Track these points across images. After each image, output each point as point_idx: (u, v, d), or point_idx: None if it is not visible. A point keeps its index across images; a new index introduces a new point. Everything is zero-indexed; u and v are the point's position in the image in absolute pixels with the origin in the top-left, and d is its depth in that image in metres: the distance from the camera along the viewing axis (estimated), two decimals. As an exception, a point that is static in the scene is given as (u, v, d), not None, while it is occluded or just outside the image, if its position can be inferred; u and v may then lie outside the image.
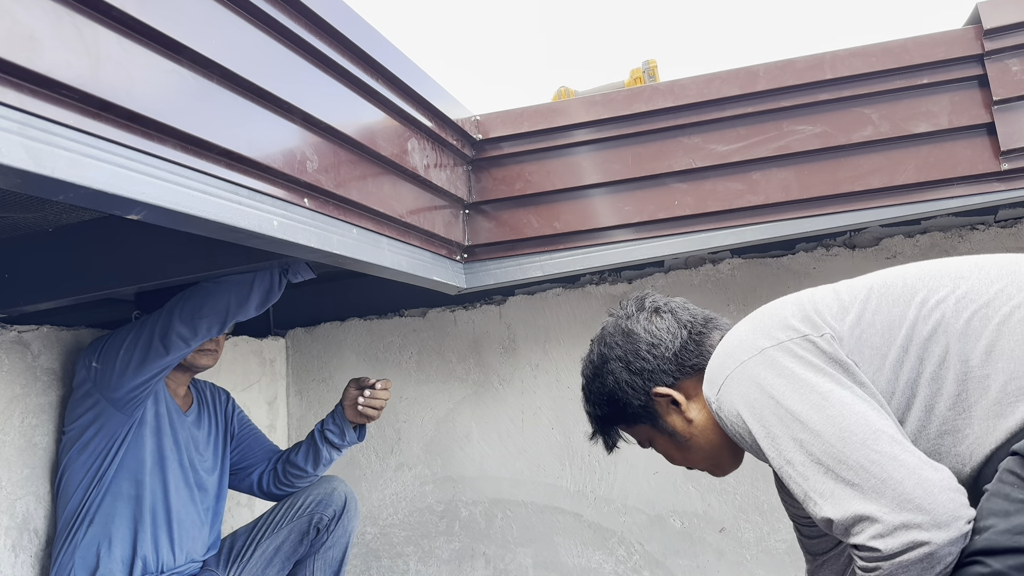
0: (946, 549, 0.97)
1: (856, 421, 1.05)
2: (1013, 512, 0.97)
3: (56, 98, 0.98)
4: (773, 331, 1.18)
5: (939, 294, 1.13)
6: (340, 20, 1.49)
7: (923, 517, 0.97)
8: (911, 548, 0.97)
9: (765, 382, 1.13)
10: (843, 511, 1.02)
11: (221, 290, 1.81)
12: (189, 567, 2.11)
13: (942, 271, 1.17)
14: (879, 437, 1.03)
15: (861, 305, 1.17)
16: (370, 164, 1.67)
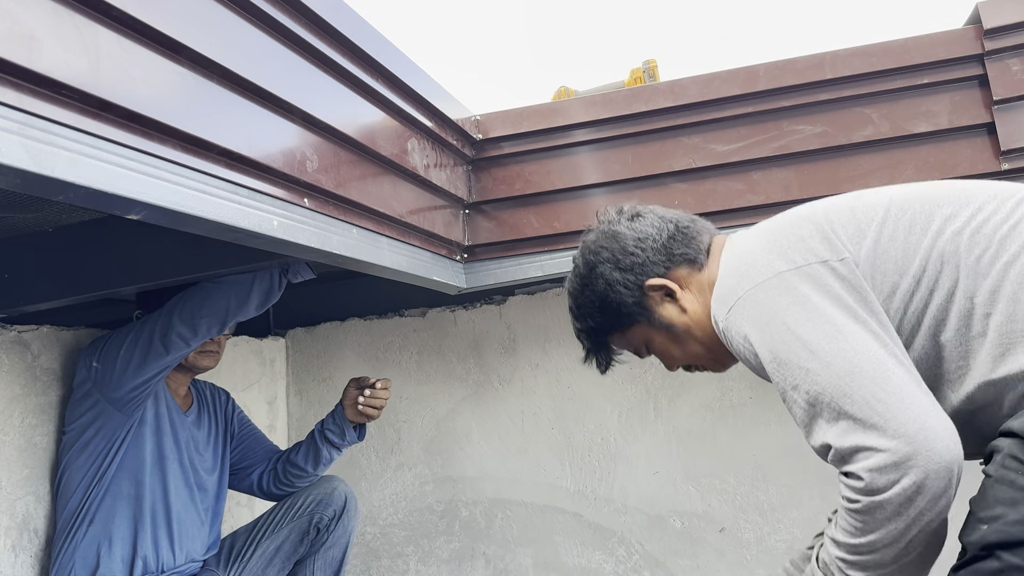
0: (936, 490, 0.97)
1: (868, 358, 1.03)
2: (1021, 500, 0.95)
3: (56, 98, 0.98)
4: (790, 253, 1.14)
5: (955, 224, 1.10)
6: (340, 20, 1.49)
7: (920, 459, 0.97)
8: (901, 484, 0.97)
9: (779, 307, 1.10)
10: (844, 441, 1.01)
11: (221, 290, 1.81)
12: (189, 567, 2.11)
13: (962, 197, 1.14)
14: (889, 376, 1.02)
15: (878, 229, 1.14)
16: (370, 164, 1.67)
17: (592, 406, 2.72)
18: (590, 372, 1.36)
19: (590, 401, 2.73)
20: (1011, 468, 0.97)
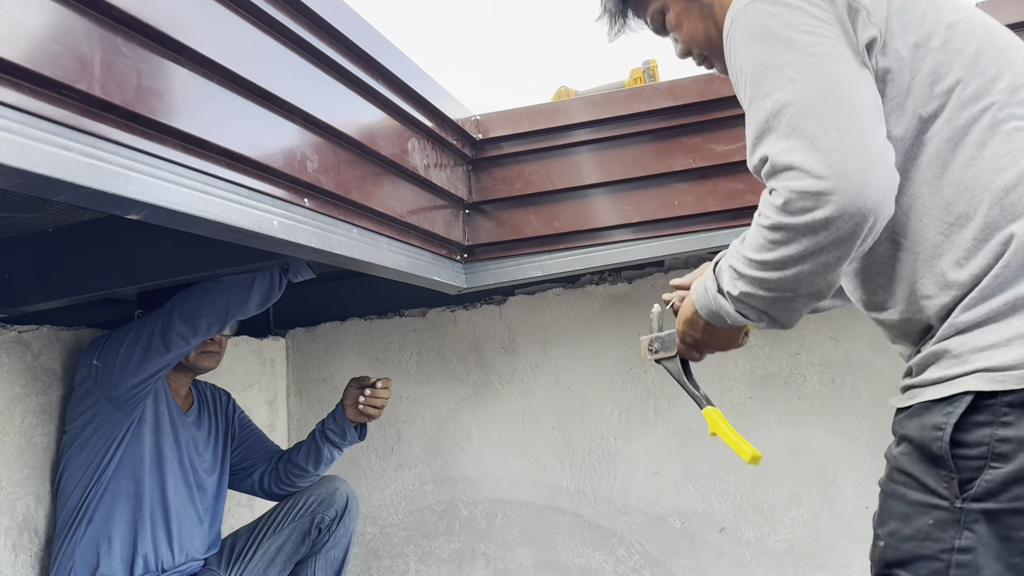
0: (843, 232, 0.93)
1: (851, 87, 0.97)
2: (913, 515, 0.95)
3: (56, 98, 0.98)
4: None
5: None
6: (340, 20, 1.49)
7: (842, 197, 0.91)
8: (813, 214, 0.93)
9: (782, 18, 1.01)
10: (784, 156, 0.95)
11: (221, 289, 1.81)
12: (189, 566, 2.11)
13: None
14: (862, 112, 0.96)
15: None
16: (370, 164, 1.67)
17: (592, 406, 2.72)
18: (590, 372, 1.35)
19: (590, 401, 2.73)
20: (899, 482, 0.98)
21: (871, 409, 2.51)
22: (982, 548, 0.90)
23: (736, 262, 1.05)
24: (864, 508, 2.46)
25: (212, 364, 2.16)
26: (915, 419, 0.98)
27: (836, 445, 2.51)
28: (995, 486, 0.90)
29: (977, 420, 0.92)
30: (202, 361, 2.12)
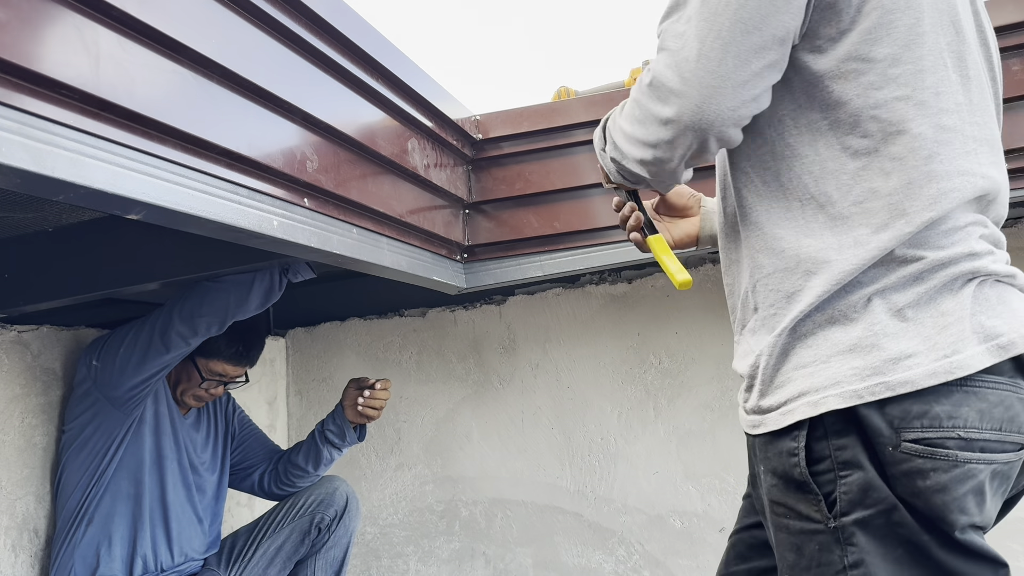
0: (679, 135, 0.95)
1: (755, 7, 0.90)
2: (801, 544, 0.96)
3: (56, 98, 0.98)
4: None
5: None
6: (340, 20, 1.49)
7: (688, 109, 0.93)
8: (666, 109, 0.94)
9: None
10: (670, 40, 0.95)
11: (221, 289, 1.81)
12: (188, 566, 2.11)
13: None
14: (750, 32, 0.91)
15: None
16: (370, 164, 1.67)
17: (592, 406, 2.72)
18: (590, 372, 1.35)
19: (590, 401, 2.73)
20: (780, 514, 0.98)
21: (871, 409, 2.51)
22: (869, 557, 0.91)
23: (611, 125, 1.09)
24: (864, 508, 2.46)
25: (194, 404, 2.17)
26: (770, 448, 0.99)
27: (836, 445, 2.51)
28: (853, 495, 0.92)
29: (815, 435, 0.94)
30: (189, 401, 2.14)
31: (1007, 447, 0.91)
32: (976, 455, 0.89)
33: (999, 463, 0.91)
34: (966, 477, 0.89)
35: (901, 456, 0.89)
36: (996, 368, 0.91)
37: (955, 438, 0.88)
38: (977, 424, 0.89)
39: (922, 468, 0.88)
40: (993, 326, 0.91)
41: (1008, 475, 0.94)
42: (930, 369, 0.89)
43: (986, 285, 0.94)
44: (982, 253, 0.94)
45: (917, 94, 0.93)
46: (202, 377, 2.10)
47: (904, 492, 0.89)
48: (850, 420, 0.92)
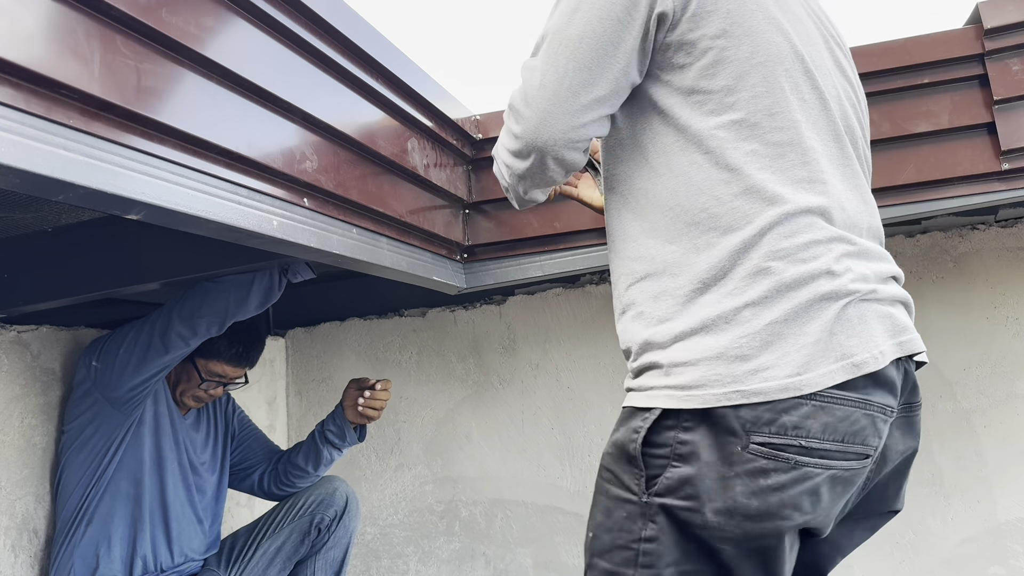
0: (523, 153, 1.13)
1: (605, 47, 1.07)
2: (613, 509, 1.07)
3: (55, 98, 0.98)
4: None
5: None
6: (340, 20, 1.49)
7: (529, 132, 1.11)
8: (515, 128, 1.13)
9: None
10: (525, 70, 1.13)
11: (221, 289, 1.81)
12: (188, 566, 2.11)
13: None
14: (593, 86, 1.08)
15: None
16: (370, 164, 1.67)
17: (592, 406, 2.72)
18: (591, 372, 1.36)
19: (590, 401, 2.73)
20: (605, 479, 1.09)
21: (871, 409, 2.51)
22: (663, 537, 1.03)
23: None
24: (864, 508, 2.46)
25: (194, 405, 2.17)
26: (624, 422, 1.09)
27: (836, 445, 2.51)
28: (673, 483, 1.02)
29: (665, 424, 1.04)
30: (188, 401, 2.14)
31: (849, 457, 1.02)
32: (814, 461, 1.00)
33: (839, 470, 1.02)
34: (803, 479, 1.00)
35: (748, 456, 0.99)
36: (849, 384, 1.01)
37: (797, 446, 0.99)
38: (819, 435, 1.00)
39: (764, 468, 0.99)
40: (850, 346, 1.01)
41: (851, 480, 1.04)
42: (783, 384, 0.99)
43: (851, 306, 1.03)
44: (840, 272, 1.03)
45: (751, 116, 1.06)
46: (201, 378, 2.10)
47: (745, 489, 0.99)
48: (704, 418, 1.02)
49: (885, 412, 1.05)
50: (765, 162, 1.05)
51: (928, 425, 2.46)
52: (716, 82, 1.06)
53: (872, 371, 1.02)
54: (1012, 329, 2.43)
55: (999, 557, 2.37)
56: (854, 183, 1.14)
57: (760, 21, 1.08)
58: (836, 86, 1.16)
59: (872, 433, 1.04)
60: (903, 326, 1.08)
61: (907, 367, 1.10)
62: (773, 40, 1.08)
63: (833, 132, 1.12)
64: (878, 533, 1.35)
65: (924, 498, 2.45)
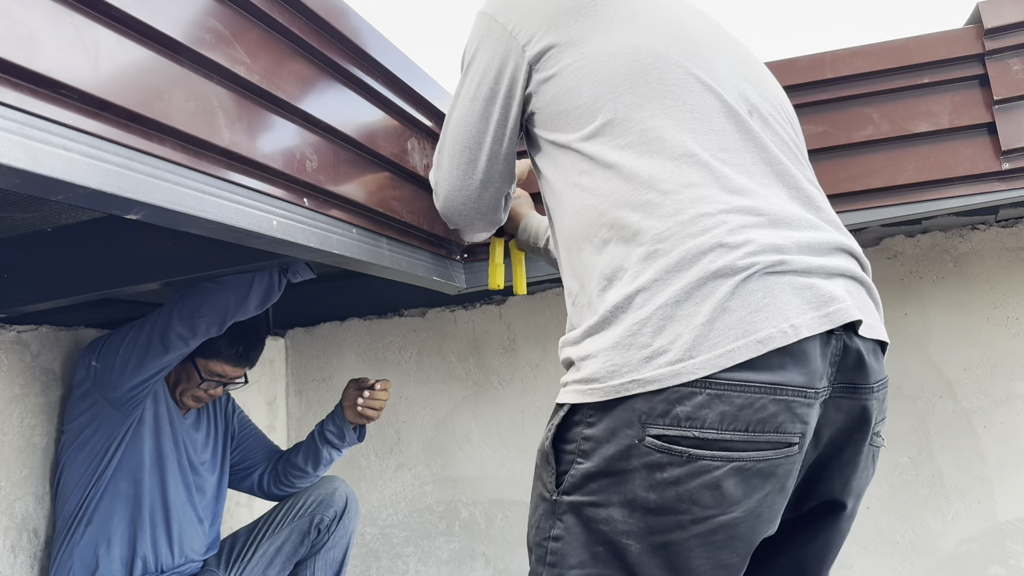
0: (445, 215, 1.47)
1: (466, 129, 1.31)
2: (534, 506, 1.09)
3: (55, 97, 0.98)
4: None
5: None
6: (340, 20, 1.48)
7: (439, 199, 1.44)
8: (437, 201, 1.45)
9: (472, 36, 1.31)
10: (435, 153, 1.43)
11: (220, 290, 1.81)
12: (188, 567, 2.11)
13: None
14: (463, 149, 1.33)
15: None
16: (370, 164, 1.67)
17: (592, 406, 2.72)
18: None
19: (590, 401, 2.72)
20: (535, 476, 1.10)
21: (871, 409, 2.51)
22: (569, 537, 1.01)
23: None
24: (865, 508, 2.46)
25: (193, 405, 2.17)
26: (548, 421, 1.10)
27: (836, 445, 2.51)
28: (577, 480, 1.01)
29: (574, 420, 1.03)
30: (188, 401, 2.14)
31: (761, 447, 0.96)
32: (712, 453, 0.95)
33: (747, 461, 0.96)
34: (699, 472, 0.95)
35: (644, 449, 0.96)
36: (755, 365, 0.94)
37: (691, 438, 0.95)
38: (716, 426, 0.94)
39: (660, 462, 0.96)
40: (753, 322, 0.95)
41: (769, 472, 0.98)
42: (675, 369, 0.95)
43: (752, 280, 0.97)
44: (735, 244, 0.99)
45: (616, 117, 1.12)
46: (201, 378, 2.09)
47: (643, 483, 0.97)
48: (605, 412, 1.00)
49: (804, 395, 0.97)
50: (639, 151, 1.07)
51: (928, 425, 2.46)
52: (577, 100, 1.15)
53: (779, 346, 0.95)
54: (1012, 329, 2.43)
55: (999, 557, 2.37)
56: (761, 156, 1.11)
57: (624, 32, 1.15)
58: (724, 66, 1.17)
59: (789, 419, 0.97)
60: (829, 297, 1.00)
61: (847, 342, 1.02)
62: (639, 46, 1.14)
63: (724, 111, 1.11)
64: (878, 533, 1.31)
65: (924, 498, 2.44)
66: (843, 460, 1.08)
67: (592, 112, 1.12)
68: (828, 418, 1.04)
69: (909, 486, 2.46)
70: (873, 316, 1.09)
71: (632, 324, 0.99)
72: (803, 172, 1.16)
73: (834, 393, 1.03)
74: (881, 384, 1.09)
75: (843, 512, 1.12)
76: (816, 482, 1.09)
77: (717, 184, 1.04)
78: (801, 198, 1.11)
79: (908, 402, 2.49)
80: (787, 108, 1.26)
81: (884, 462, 2.48)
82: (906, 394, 2.49)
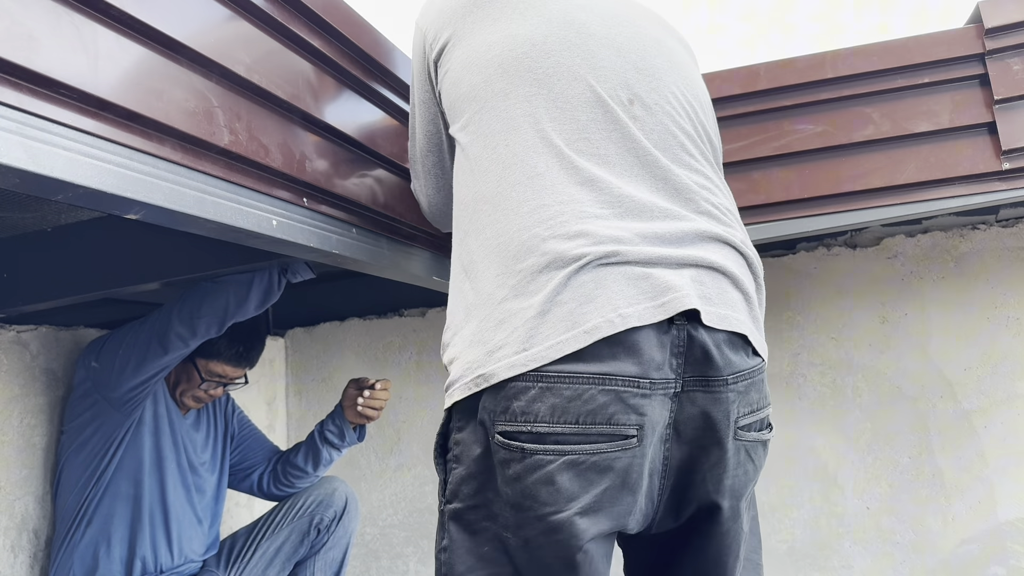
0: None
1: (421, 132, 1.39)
2: (438, 514, 1.07)
3: (55, 97, 0.98)
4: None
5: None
6: (340, 19, 1.48)
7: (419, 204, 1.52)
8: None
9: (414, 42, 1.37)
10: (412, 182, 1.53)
11: (220, 290, 1.81)
12: (188, 567, 2.11)
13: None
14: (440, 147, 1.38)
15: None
16: (370, 164, 1.66)
17: (592, 406, 2.71)
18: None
19: (590, 401, 2.72)
20: (438, 491, 1.08)
21: (872, 410, 2.51)
22: (454, 545, 1.01)
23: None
24: (865, 509, 2.46)
25: (193, 405, 2.16)
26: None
27: (837, 446, 2.51)
28: (455, 486, 1.01)
29: (449, 427, 1.03)
30: (188, 402, 2.14)
31: (594, 439, 0.94)
32: (545, 447, 0.94)
33: (580, 454, 0.94)
34: (535, 467, 0.94)
35: (496, 447, 0.97)
36: (583, 356, 0.93)
37: (527, 432, 0.94)
38: (548, 419, 0.94)
39: (506, 459, 0.96)
40: (582, 313, 0.95)
41: (607, 465, 0.95)
42: (510, 362, 0.95)
43: (584, 272, 0.97)
44: (568, 236, 0.98)
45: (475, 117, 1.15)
46: (201, 378, 2.09)
47: (501, 479, 0.97)
48: (468, 416, 1.00)
49: (638, 385, 0.95)
50: (498, 139, 1.08)
51: (928, 425, 2.46)
52: (459, 90, 1.19)
53: (605, 335, 0.93)
54: (1013, 329, 2.42)
55: (1000, 557, 2.37)
56: (628, 146, 1.08)
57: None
58: (609, 55, 1.14)
59: (621, 410, 0.94)
60: (665, 286, 0.97)
61: (691, 333, 0.99)
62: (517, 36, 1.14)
63: (593, 100, 1.09)
64: (878, 533, 1.29)
65: (924, 498, 2.44)
66: (711, 460, 1.03)
67: (468, 101, 1.13)
68: (684, 413, 1.00)
69: (909, 486, 2.46)
70: (731, 307, 1.03)
71: (480, 321, 1.00)
72: (683, 161, 1.11)
73: (686, 387, 1.00)
74: (740, 376, 1.03)
75: (720, 514, 1.06)
76: (689, 486, 1.05)
77: (565, 174, 1.03)
78: (667, 188, 1.08)
79: (908, 402, 2.49)
80: (687, 94, 1.20)
81: (884, 462, 2.48)
82: (906, 394, 2.49)
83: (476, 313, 1.01)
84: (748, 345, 1.05)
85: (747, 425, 1.06)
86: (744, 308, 1.06)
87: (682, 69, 1.23)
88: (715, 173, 1.18)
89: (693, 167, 1.13)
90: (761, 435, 1.10)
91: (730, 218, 1.13)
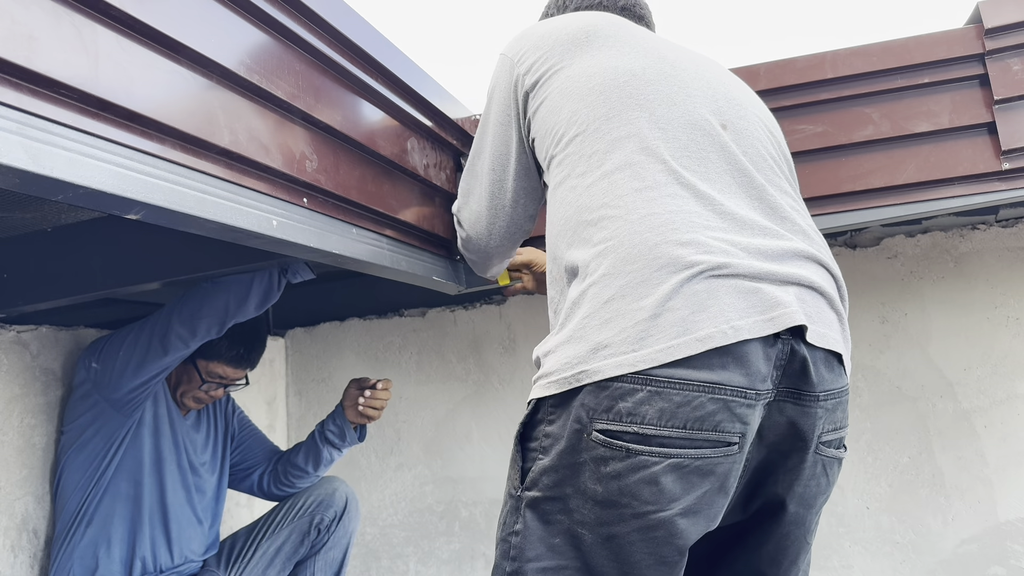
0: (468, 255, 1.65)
1: (490, 152, 1.42)
2: (503, 503, 1.11)
3: (55, 97, 0.98)
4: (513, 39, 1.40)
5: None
6: (340, 19, 1.48)
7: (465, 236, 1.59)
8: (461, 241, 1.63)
9: (495, 72, 1.43)
10: (458, 203, 1.60)
11: (220, 290, 1.81)
12: (188, 567, 2.11)
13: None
14: (497, 183, 1.43)
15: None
16: (370, 164, 1.67)
17: (592, 406, 2.72)
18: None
19: (590, 401, 2.72)
20: (509, 477, 1.12)
21: (872, 409, 2.51)
22: (527, 532, 1.04)
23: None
24: (865, 508, 2.46)
25: (194, 406, 2.16)
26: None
27: (836, 445, 2.50)
28: (536, 475, 1.04)
29: (537, 418, 1.07)
30: (188, 402, 2.14)
31: (700, 444, 0.98)
32: (650, 448, 0.97)
33: (685, 458, 0.98)
34: (639, 467, 0.97)
35: (591, 443, 0.99)
36: (694, 363, 0.97)
37: (632, 433, 0.97)
38: (655, 422, 0.97)
39: (604, 456, 0.98)
40: (695, 321, 0.98)
41: (708, 469, 1.00)
42: (618, 361, 0.98)
43: (697, 280, 1.00)
44: (683, 243, 1.02)
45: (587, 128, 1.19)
46: (202, 379, 2.09)
47: (591, 476, 0.99)
48: (562, 408, 1.03)
49: (744, 395, 0.99)
50: (602, 158, 1.13)
51: (928, 425, 2.46)
52: (559, 116, 1.24)
53: (718, 345, 0.97)
54: (1013, 329, 2.43)
55: (1000, 557, 2.37)
56: (727, 165, 1.15)
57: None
58: (699, 86, 1.24)
59: (728, 419, 0.98)
60: (775, 301, 1.01)
61: (794, 347, 1.03)
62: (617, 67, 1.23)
63: (692, 123, 1.16)
64: (878, 533, 1.31)
65: (924, 498, 2.44)
66: (788, 465, 1.09)
67: (569, 124, 1.19)
68: (771, 420, 1.05)
69: (909, 486, 2.46)
70: (829, 326, 1.09)
71: (583, 318, 1.03)
72: (775, 183, 1.19)
73: (779, 397, 1.05)
74: (830, 394, 1.08)
75: (784, 515, 1.11)
76: (762, 484, 1.10)
77: (673, 186, 1.08)
78: (764, 207, 1.14)
79: (908, 402, 2.49)
80: (768, 124, 1.31)
81: (884, 462, 2.48)
82: (906, 394, 2.49)
83: (578, 311, 1.04)
84: (841, 365, 1.11)
85: (828, 441, 1.11)
86: (839, 328, 1.12)
87: (757, 103, 1.34)
88: (798, 195, 1.26)
89: (783, 188, 1.20)
90: (838, 452, 1.15)
91: (819, 238, 1.19)
